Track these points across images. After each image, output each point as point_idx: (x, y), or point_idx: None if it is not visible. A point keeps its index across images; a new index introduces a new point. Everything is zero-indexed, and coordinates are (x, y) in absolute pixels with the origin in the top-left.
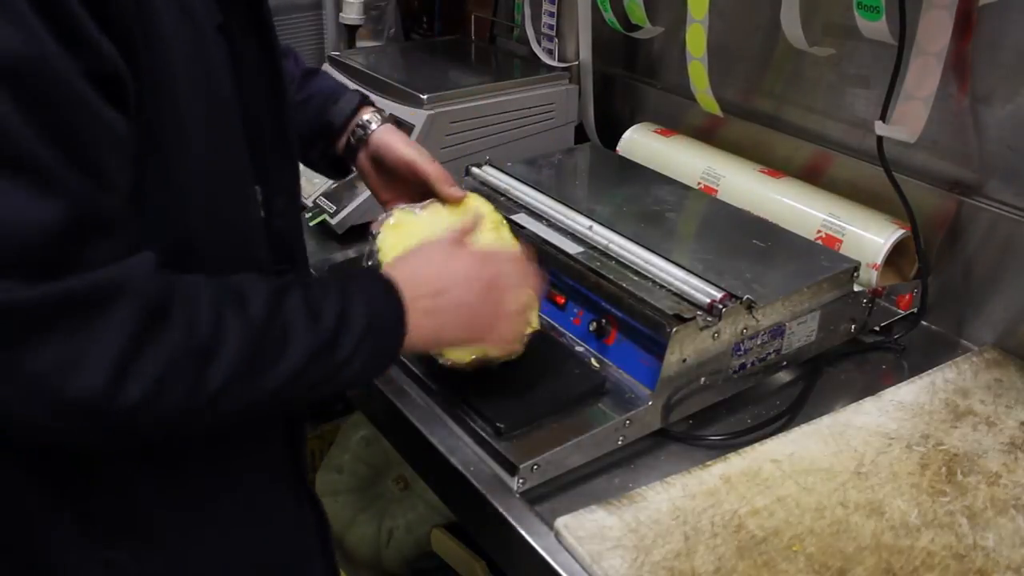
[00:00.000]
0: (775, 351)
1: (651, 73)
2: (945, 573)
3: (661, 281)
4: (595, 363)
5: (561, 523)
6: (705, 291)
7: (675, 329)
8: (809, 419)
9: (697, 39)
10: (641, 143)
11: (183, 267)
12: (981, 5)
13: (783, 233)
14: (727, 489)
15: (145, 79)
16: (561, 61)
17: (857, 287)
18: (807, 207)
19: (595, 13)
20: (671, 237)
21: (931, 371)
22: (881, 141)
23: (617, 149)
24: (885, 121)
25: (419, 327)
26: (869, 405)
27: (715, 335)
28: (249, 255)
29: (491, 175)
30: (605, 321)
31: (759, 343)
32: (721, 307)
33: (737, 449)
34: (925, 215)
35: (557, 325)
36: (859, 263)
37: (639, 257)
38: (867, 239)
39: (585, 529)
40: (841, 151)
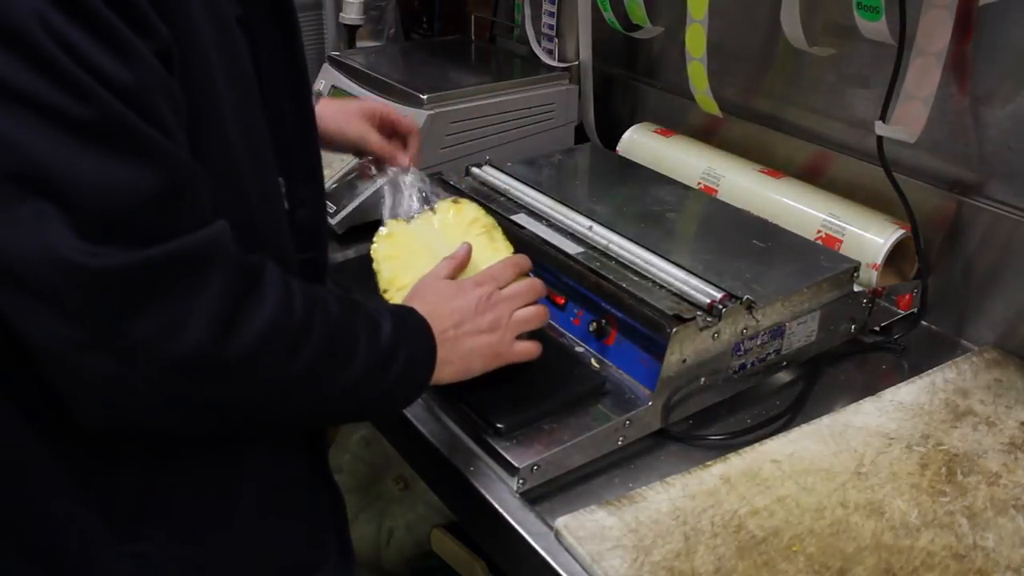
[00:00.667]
0: (775, 351)
1: (651, 73)
2: (945, 573)
3: (661, 281)
4: (595, 363)
5: (561, 523)
6: (705, 291)
7: (675, 329)
8: (809, 419)
9: (697, 39)
10: (641, 143)
11: None
12: (981, 5)
13: (783, 233)
14: (727, 489)
15: (184, 61)
16: (561, 61)
17: (857, 287)
18: (807, 207)
19: (595, 13)
20: (671, 237)
21: (931, 371)
22: (881, 141)
23: (617, 149)
24: (885, 121)
25: (446, 361)
26: (869, 405)
27: (715, 335)
28: (274, 244)
29: (491, 175)
30: (605, 321)
31: (759, 343)
32: (721, 307)
33: (737, 449)
34: (925, 215)
35: (557, 325)
36: (859, 263)
37: (639, 257)
38: (867, 239)
39: (585, 529)
40: (841, 151)
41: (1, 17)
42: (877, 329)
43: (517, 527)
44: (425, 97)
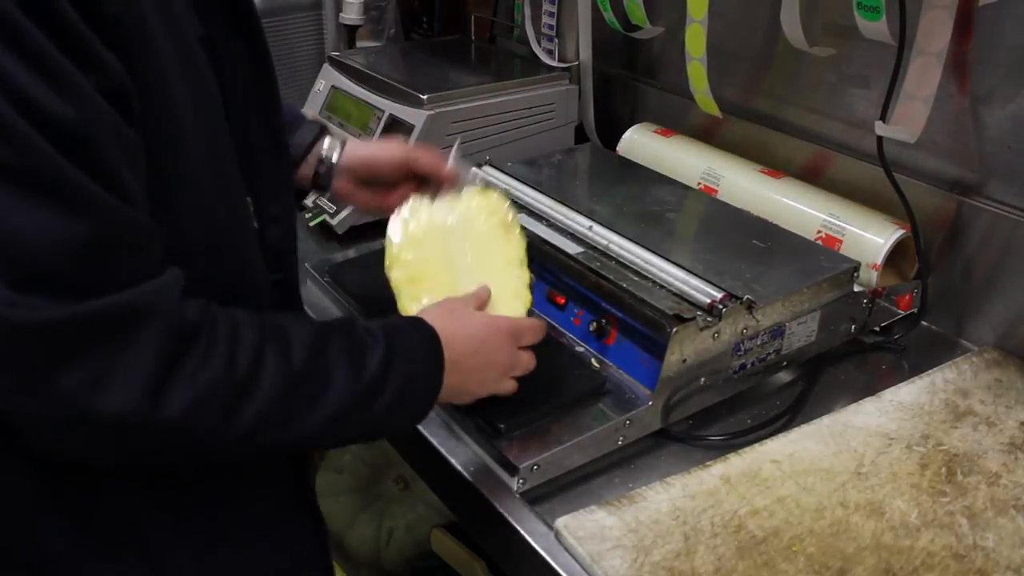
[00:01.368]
0: (775, 351)
1: (651, 73)
2: (945, 573)
3: (661, 281)
4: (595, 363)
5: (561, 523)
6: (705, 291)
7: (675, 329)
8: (809, 419)
9: (696, 39)
10: (641, 143)
11: None
12: (981, 5)
13: (783, 233)
14: (727, 489)
15: (144, 91)
16: (561, 61)
17: (857, 287)
18: (807, 207)
19: (595, 13)
20: (671, 237)
21: (931, 371)
22: (881, 141)
23: (617, 149)
24: (885, 121)
25: (450, 386)
26: (869, 405)
27: (715, 335)
28: (243, 266)
29: (491, 175)
30: (605, 321)
31: (759, 343)
32: (721, 307)
33: (737, 449)
34: (925, 215)
35: (557, 325)
36: (859, 263)
37: (639, 257)
38: (867, 239)
39: (585, 529)
40: (841, 151)
41: None
42: (877, 329)
43: (517, 527)
44: (425, 97)
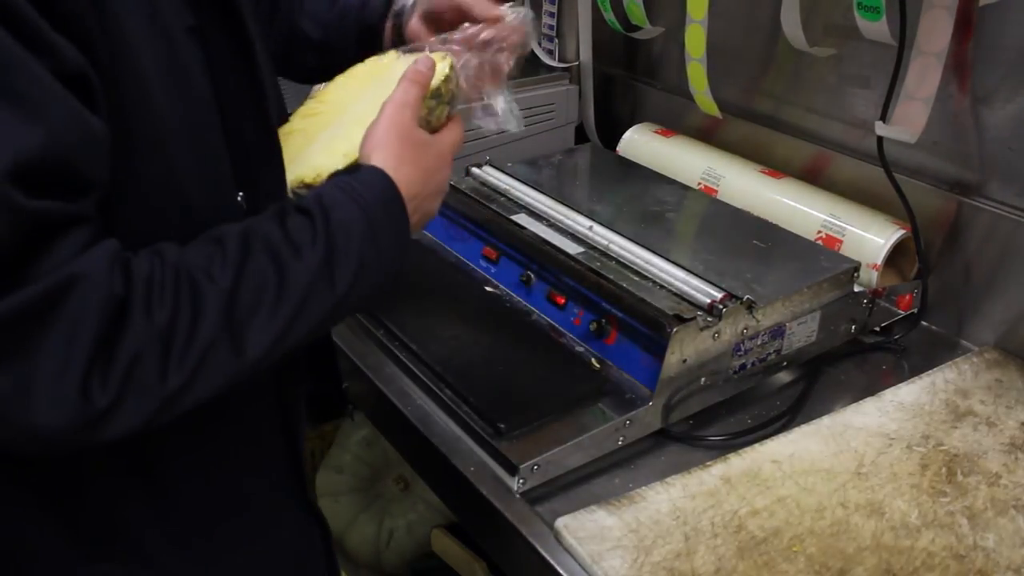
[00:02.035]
0: (775, 351)
1: (651, 73)
2: (945, 573)
3: (661, 281)
4: (595, 363)
5: (561, 523)
6: (705, 291)
7: (675, 329)
8: (809, 419)
9: (696, 40)
10: (641, 143)
11: None
12: (981, 5)
13: (783, 233)
14: (727, 489)
15: (113, 83)
16: (561, 61)
17: (857, 287)
18: (807, 207)
19: (595, 13)
20: (671, 237)
21: (931, 371)
22: (881, 141)
23: (617, 149)
24: (885, 121)
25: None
26: (869, 405)
27: (715, 335)
28: None
29: (491, 175)
30: (605, 321)
31: (759, 343)
32: (721, 307)
33: (737, 449)
34: (925, 215)
35: (557, 325)
36: (859, 263)
37: (639, 257)
38: (867, 239)
39: (585, 529)
40: (841, 151)
41: None
42: (877, 329)
43: (517, 527)
44: None
